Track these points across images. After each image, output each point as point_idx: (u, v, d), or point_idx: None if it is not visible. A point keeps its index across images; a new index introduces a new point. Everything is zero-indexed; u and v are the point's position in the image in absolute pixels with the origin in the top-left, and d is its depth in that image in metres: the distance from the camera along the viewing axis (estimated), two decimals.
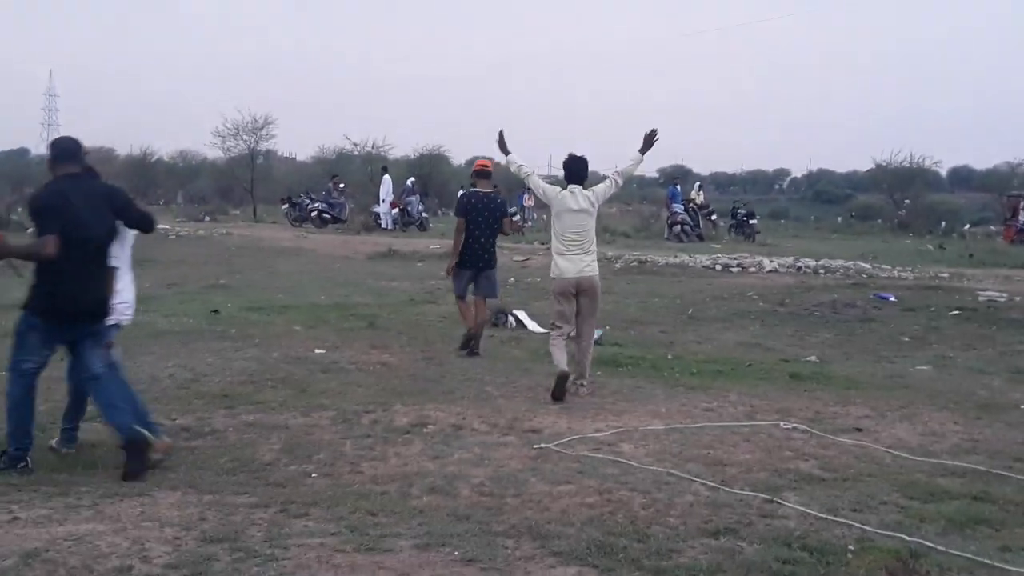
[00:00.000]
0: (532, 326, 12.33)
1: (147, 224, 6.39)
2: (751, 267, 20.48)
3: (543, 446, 6.51)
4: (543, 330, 11.71)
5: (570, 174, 8.67)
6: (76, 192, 5.91)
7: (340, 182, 33.72)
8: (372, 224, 30.91)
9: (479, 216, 10.50)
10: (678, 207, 31.10)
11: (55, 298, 5.87)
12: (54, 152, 6.14)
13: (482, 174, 10.97)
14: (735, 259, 21.58)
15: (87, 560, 4.20)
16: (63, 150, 6.12)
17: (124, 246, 6.35)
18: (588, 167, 8.70)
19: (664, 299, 15.44)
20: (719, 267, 20.43)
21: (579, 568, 4.30)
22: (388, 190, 31.46)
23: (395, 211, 31.54)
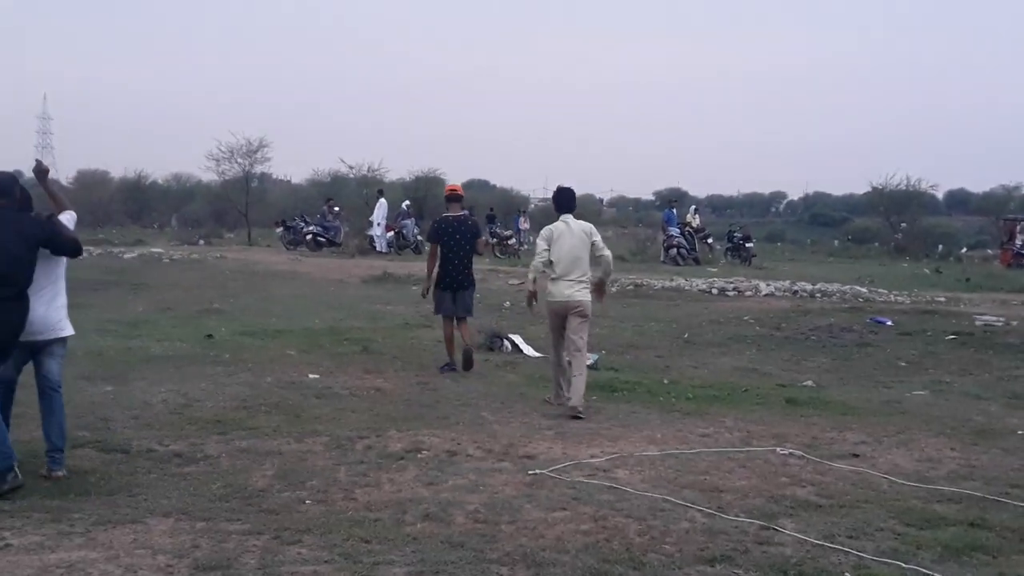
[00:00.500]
0: (528, 351, 12.35)
1: (72, 250, 6.55)
2: (747, 291, 20.53)
3: (538, 472, 6.51)
4: (539, 354, 11.73)
5: (559, 205, 9.33)
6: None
7: (335, 205, 33.79)
8: (367, 247, 30.95)
9: (451, 240, 10.99)
10: (674, 230, 31.18)
11: None
12: None
13: (453, 198, 11.47)
14: (731, 283, 21.63)
15: None
16: None
17: (52, 270, 6.50)
18: (576, 196, 9.54)
19: (660, 323, 15.46)
20: (715, 291, 20.48)
21: None
22: (383, 213, 31.51)
23: (390, 234, 31.59)
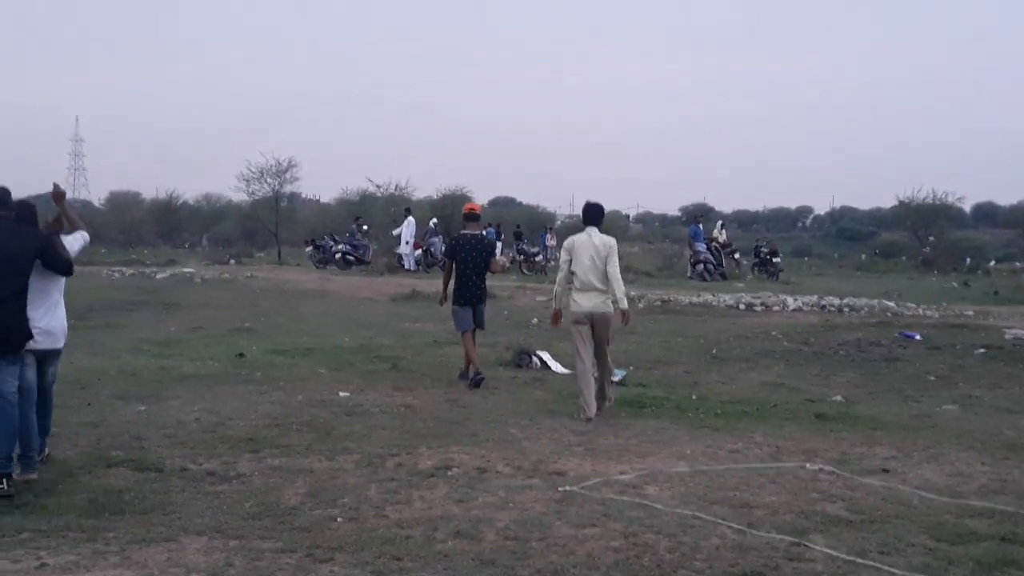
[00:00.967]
0: (556, 367, 12.33)
1: (63, 268, 6.92)
2: (775, 306, 20.45)
3: (568, 489, 6.51)
4: (567, 371, 11.72)
5: (585, 217, 9.79)
6: None
7: (364, 224, 33.90)
8: (396, 265, 31.05)
9: (467, 256, 11.41)
10: (701, 246, 31.12)
11: None
12: None
13: (470, 217, 11.93)
14: (758, 298, 21.54)
15: None
16: None
17: (46, 282, 6.90)
18: (603, 211, 9.92)
19: (687, 339, 15.42)
20: (743, 306, 20.41)
21: None
22: (411, 231, 31.60)
23: (418, 252, 31.68)
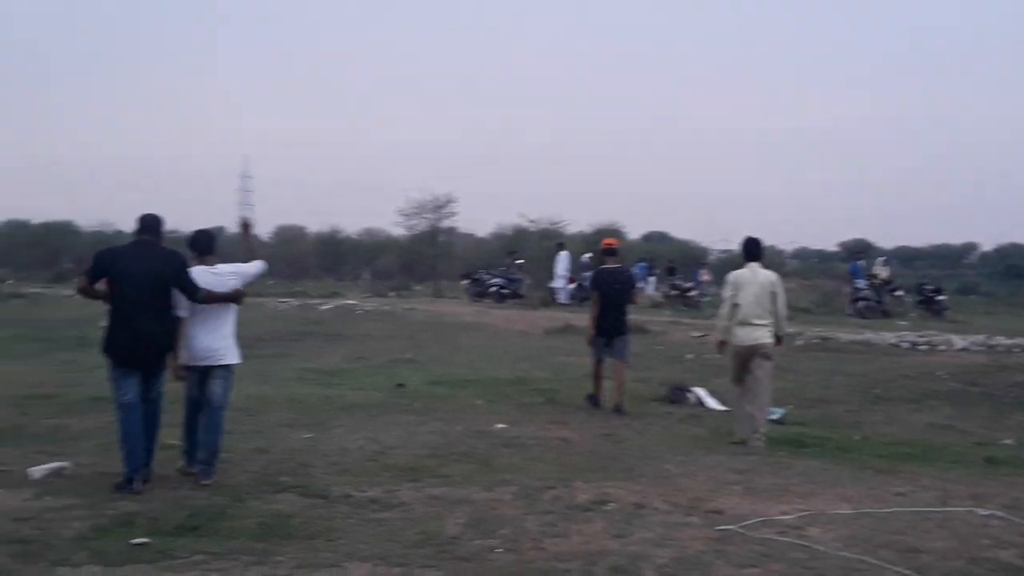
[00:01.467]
0: (712, 403, 12.16)
1: (189, 293, 7.46)
2: (940, 345, 19.64)
3: (727, 528, 6.39)
4: (723, 408, 11.55)
5: (746, 253, 10.07)
6: (135, 255, 7.38)
7: (518, 258, 34.18)
8: (549, 299, 31.18)
9: (610, 289, 11.88)
10: (861, 282, 30.22)
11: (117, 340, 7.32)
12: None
13: (608, 252, 12.41)
14: (923, 336, 20.74)
15: None
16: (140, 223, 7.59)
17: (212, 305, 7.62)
18: (762, 246, 10.18)
19: (848, 377, 14.95)
20: (906, 345, 19.68)
21: None
22: (565, 265, 31.68)
23: (572, 286, 31.73)
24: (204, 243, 7.90)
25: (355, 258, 61.14)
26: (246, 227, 8.56)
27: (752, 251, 10.04)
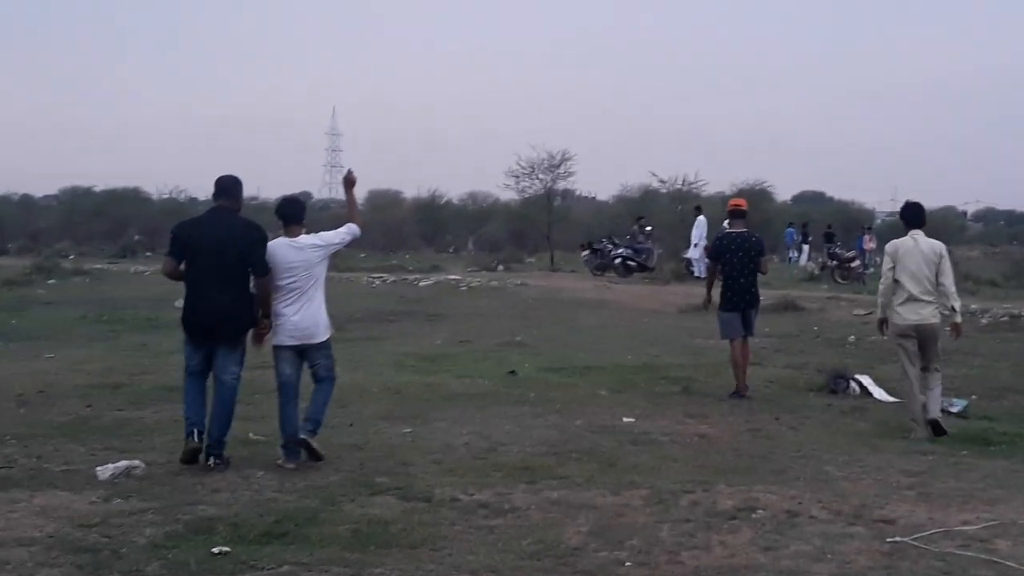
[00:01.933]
0: (879, 394, 11.93)
1: (258, 269, 7.88)
2: None
3: (899, 540, 6.26)
4: (892, 399, 11.33)
5: (907, 220, 10.16)
6: (210, 223, 7.98)
7: (646, 224, 33.90)
8: (684, 272, 30.92)
9: (733, 257, 11.88)
10: None
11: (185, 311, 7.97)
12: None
13: (736, 214, 12.39)
14: None
15: None
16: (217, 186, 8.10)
17: (301, 279, 8.01)
18: (925, 212, 10.33)
19: None
20: None
21: None
22: (702, 233, 31.32)
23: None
24: (291, 212, 8.24)
25: (457, 226, 61.43)
26: (350, 183, 8.75)
27: (914, 217, 10.13)
